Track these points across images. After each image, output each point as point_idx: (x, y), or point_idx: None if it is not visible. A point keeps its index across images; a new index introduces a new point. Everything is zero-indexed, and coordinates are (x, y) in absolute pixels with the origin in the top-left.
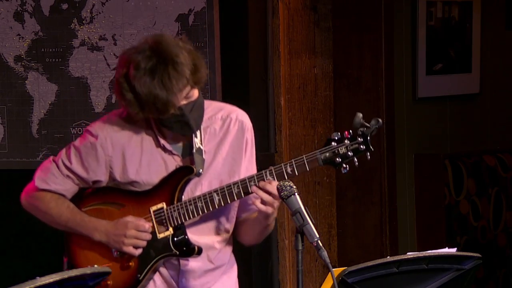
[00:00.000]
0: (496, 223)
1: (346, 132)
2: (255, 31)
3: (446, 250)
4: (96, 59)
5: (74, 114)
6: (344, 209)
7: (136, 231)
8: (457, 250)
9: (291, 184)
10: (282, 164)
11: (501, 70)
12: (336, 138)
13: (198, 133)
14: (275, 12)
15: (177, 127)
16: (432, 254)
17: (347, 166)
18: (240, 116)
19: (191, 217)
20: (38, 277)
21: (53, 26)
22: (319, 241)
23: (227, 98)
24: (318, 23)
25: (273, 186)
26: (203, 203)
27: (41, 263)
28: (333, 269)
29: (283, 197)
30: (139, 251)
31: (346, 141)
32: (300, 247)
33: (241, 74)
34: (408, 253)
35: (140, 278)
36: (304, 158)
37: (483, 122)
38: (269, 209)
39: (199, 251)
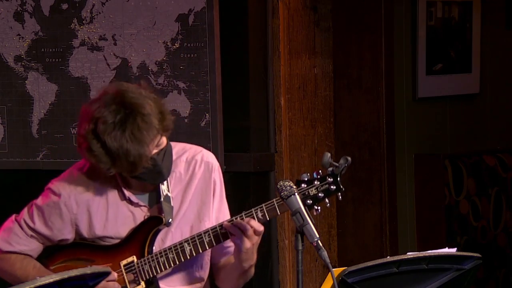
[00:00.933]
0: (496, 223)
1: (315, 172)
2: (255, 31)
3: (446, 250)
4: (96, 59)
5: (74, 114)
6: (344, 209)
7: (106, 282)
8: (457, 250)
9: (291, 184)
10: (253, 209)
11: (501, 70)
12: (306, 179)
13: (165, 182)
14: (275, 12)
15: (149, 177)
16: (432, 254)
17: (319, 207)
18: (205, 157)
19: (163, 269)
20: (38, 277)
21: (53, 26)
22: (319, 241)
23: (227, 98)
24: (318, 23)
25: (244, 223)
26: (174, 254)
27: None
28: (333, 269)
29: (283, 197)
30: None
31: (315, 182)
32: (300, 247)
33: (241, 74)
34: (408, 253)
35: None
36: (275, 202)
37: (483, 122)
38: (247, 245)
39: None
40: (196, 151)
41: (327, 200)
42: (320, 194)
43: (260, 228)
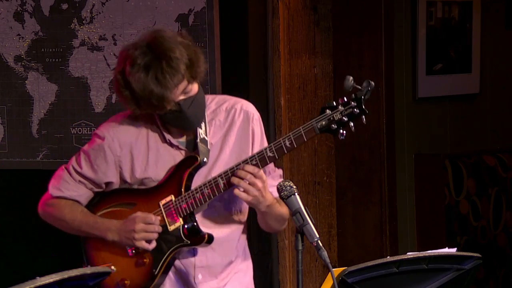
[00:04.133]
0: (496, 223)
1: (340, 99)
2: (255, 31)
3: (446, 250)
4: (96, 59)
5: (74, 114)
6: (344, 209)
7: (144, 224)
8: (457, 250)
9: (291, 184)
10: (281, 139)
11: (501, 70)
12: (331, 106)
13: (202, 125)
14: (275, 12)
15: (176, 123)
16: (432, 254)
17: (344, 131)
18: (245, 107)
19: (199, 205)
20: (38, 277)
21: (53, 26)
22: (319, 241)
23: None
24: (318, 23)
25: (245, 170)
26: (209, 189)
27: (41, 263)
28: (333, 269)
29: (283, 197)
30: (153, 245)
31: (340, 107)
32: (300, 247)
33: (241, 74)
34: (408, 253)
35: (156, 272)
36: (301, 129)
37: (483, 122)
38: (248, 198)
39: (210, 238)
40: (237, 101)
41: (351, 124)
42: (344, 118)
43: (255, 170)
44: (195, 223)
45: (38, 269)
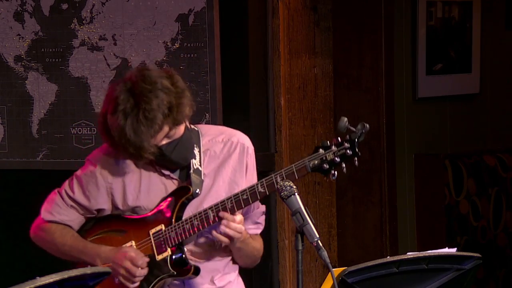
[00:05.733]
0: (496, 223)
1: (334, 139)
2: (255, 31)
3: (446, 250)
4: (96, 59)
5: (74, 114)
6: (344, 209)
7: (131, 265)
8: (457, 250)
9: (291, 184)
10: (272, 175)
11: (501, 70)
12: (324, 145)
13: (197, 155)
14: (275, 12)
15: (162, 164)
16: (432, 254)
17: (335, 172)
18: (241, 140)
19: (188, 236)
20: (38, 277)
21: (53, 26)
22: (319, 241)
23: (227, 98)
24: (318, 23)
25: (229, 222)
26: (199, 220)
27: (41, 263)
28: (333, 269)
29: (283, 197)
30: (135, 285)
31: (333, 147)
32: (300, 247)
33: (241, 74)
34: (408, 253)
35: None
36: (293, 166)
37: (483, 122)
38: (225, 240)
39: (196, 270)
40: (232, 133)
41: (343, 165)
42: (336, 159)
43: (239, 222)
44: (183, 255)
45: (38, 269)
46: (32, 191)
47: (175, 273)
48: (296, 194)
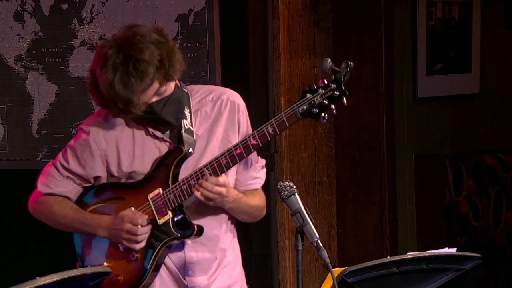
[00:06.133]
0: (496, 223)
1: (320, 82)
2: (255, 31)
3: (446, 250)
4: None
5: (74, 114)
6: (344, 209)
7: (131, 225)
8: (457, 250)
9: (291, 184)
10: (263, 126)
11: (501, 70)
12: (311, 89)
13: (188, 116)
14: (275, 12)
15: (152, 123)
16: (432, 254)
17: (326, 115)
18: (231, 97)
19: (186, 196)
20: (38, 277)
21: (53, 26)
22: (319, 241)
23: None
24: (318, 23)
25: (210, 183)
26: (195, 179)
27: (41, 263)
28: (333, 269)
29: (283, 197)
30: (140, 245)
31: (320, 90)
32: (300, 247)
33: (241, 74)
34: (408, 253)
35: (148, 267)
36: (283, 114)
37: (483, 122)
38: (209, 202)
39: (199, 230)
40: (222, 91)
41: (333, 107)
42: (325, 101)
43: (218, 181)
44: (184, 215)
45: (38, 269)
46: (32, 191)
47: (179, 235)
48: (296, 194)
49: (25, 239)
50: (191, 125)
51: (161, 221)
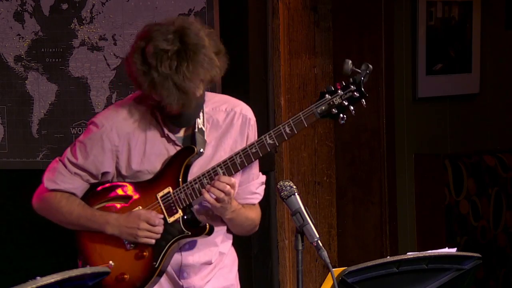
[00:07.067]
0: (496, 223)
1: (338, 84)
2: (255, 31)
3: (446, 250)
4: (96, 59)
5: (74, 114)
6: (344, 209)
7: (148, 224)
8: (457, 250)
9: (291, 184)
10: (280, 126)
11: (501, 70)
12: (329, 90)
13: (201, 116)
14: (275, 12)
15: (170, 122)
16: (432, 254)
17: (345, 116)
18: (244, 111)
19: (198, 195)
20: (38, 277)
21: (53, 26)
22: (319, 241)
23: None
24: (318, 23)
25: (222, 182)
26: (208, 179)
27: (41, 263)
28: (333, 269)
29: (283, 197)
30: (154, 240)
31: (339, 91)
32: (300, 247)
33: (241, 74)
34: (408, 253)
35: (156, 265)
36: (301, 115)
37: (483, 122)
38: (217, 205)
39: (211, 229)
40: (236, 103)
41: (352, 108)
42: (344, 102)
43: (231, 180)
44: (194, 215)
45: (38, 269)
46: (32, 191)
47: (190, 233)
48: (296, 194)
49: (25, 238)
50: (203, 125)
51: (171, 220)
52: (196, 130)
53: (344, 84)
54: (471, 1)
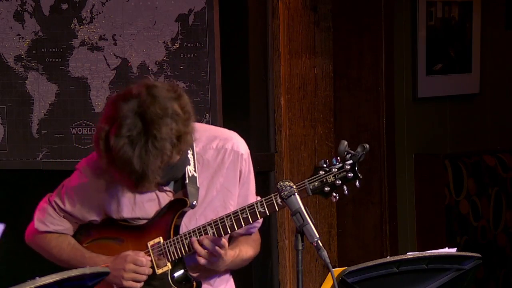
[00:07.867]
0: (496, 223)
1: (334, 158)
2: (255, 31)
3: (446, 250)
4: (96, 59)
5: (74, 114)
6: (344, 209)
7: (134, 265)
8: (457, 250)
9: (291, 184)
10: (272, 195)
11: (501, 70)
12: (324, 165)
13: (191, 159)
14: (275, 12)
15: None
16: (432, 254)
17: (337, 194)
18: (235, 147)
19: (188, 251)
20: (38, 277)
21: (53, 26)
22: (319, 241)
23: (227, 98)
24: (318, 23)
25: (208, 241)
26: (198, 236)
27: (41, 263)
28: (333, 269)
29: (283, 197)
30: (139, 285)
31: (333, 169)
32: (300, 247)
33: (241, 74)
34: (408, 253)
35: None
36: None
37: (483, 122)
38: (207, 264)
39: (198, 286)
40: (227, 139)
41: (345, 188)
42: (338, 181)
43: (218, 241)
44: (185, 270)
45: (38, 269)
46: (32, 191)
47: None
48: (296, 194)
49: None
50: (195, 171)
51: (159, 271)
52: (187, 181)
53: (339, 161)
54: (471, 1)
